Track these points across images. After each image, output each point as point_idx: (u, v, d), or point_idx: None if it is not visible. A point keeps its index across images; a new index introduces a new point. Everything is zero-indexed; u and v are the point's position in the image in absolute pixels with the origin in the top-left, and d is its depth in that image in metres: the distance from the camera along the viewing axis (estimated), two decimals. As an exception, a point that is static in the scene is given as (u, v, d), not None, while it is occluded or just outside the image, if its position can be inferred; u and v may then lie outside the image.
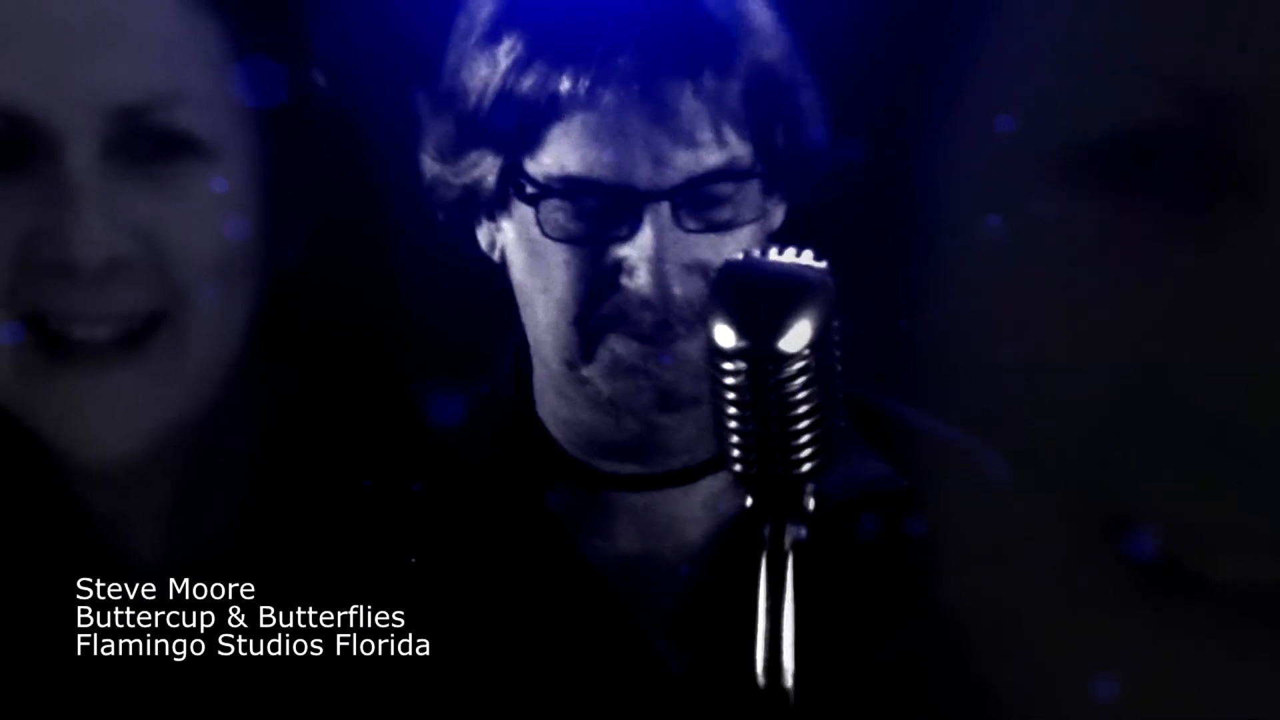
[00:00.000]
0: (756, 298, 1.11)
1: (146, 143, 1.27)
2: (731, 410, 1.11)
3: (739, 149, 1.50)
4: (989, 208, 0.59)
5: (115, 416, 1.29)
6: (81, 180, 1.25)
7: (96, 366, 1.28)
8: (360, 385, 1.38)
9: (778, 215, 1.54)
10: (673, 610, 1.54)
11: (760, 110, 1.50)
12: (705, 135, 1.48)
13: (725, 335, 1.10)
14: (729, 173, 1.49)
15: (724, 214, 1.49)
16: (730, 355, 1.09)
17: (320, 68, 1.35)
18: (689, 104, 1.47)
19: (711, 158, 1.48)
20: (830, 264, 1.12)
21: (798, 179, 1.53)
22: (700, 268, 1.48)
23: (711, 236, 1.49)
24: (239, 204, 1.30)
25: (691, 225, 1.48)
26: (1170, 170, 0.55)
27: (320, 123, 1.35)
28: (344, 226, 1.37)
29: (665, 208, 1.47)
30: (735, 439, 1.12)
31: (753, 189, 1.51)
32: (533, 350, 1.57)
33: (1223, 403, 0.54)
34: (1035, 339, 0.57)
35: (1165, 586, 0.55)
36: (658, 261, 1.47)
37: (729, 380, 1.10)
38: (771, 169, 1.51)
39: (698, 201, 1.49)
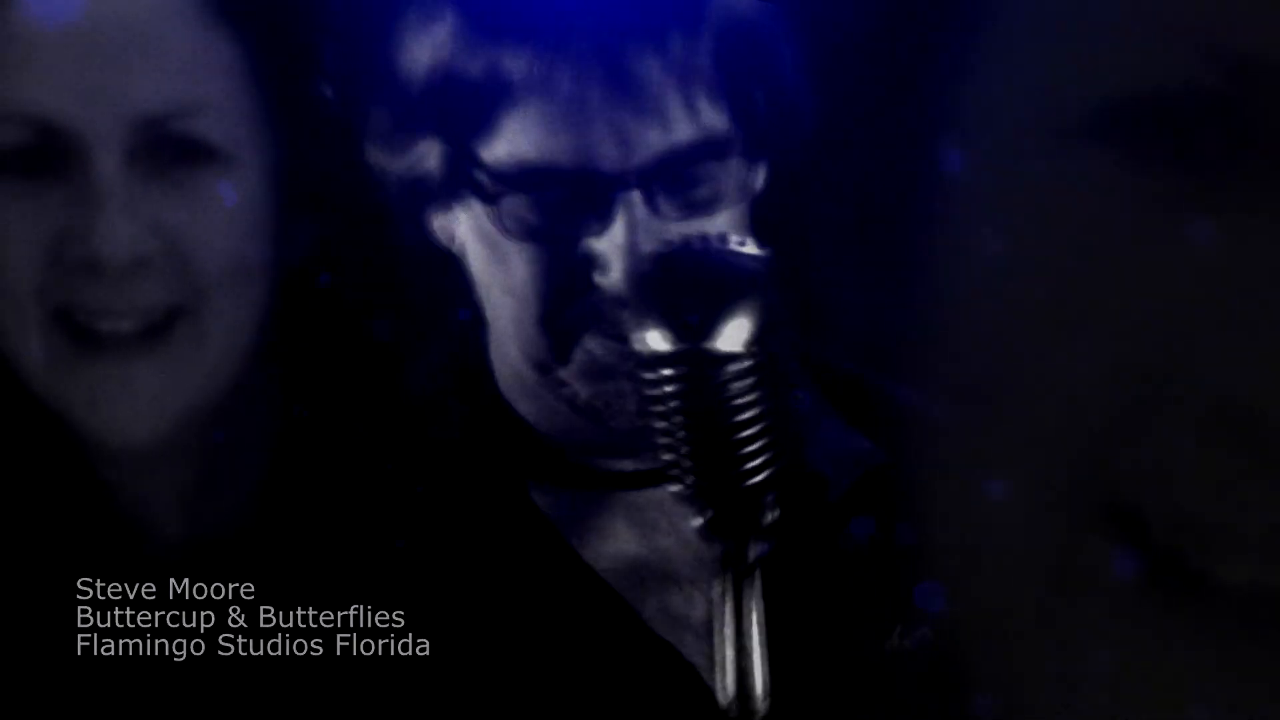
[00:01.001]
0: (685, 293, 1.01)
1: (168, 150, 1.33)
2: (672, 421, 1.01)
3: (714, 119, 1.31)
4: (998, 172, 0.56)
5: (138, 403, 1.35)
6: (108, 184, 1.31)
7: (121, 357, 1.34)
8: (362, 378, 1.43)
9: (759, 180, 1.36)
10: (691, 617, 1.38)
11: (736, 72, 1.32)
12: (675, 109, 1.29)
13: (654, 339, 0.99)
14: (705, 148, 1.31)
15: (703, 193, 1.31)
16: (662, 361, 0.99)
17: (327, 79, 1.40)
18: (655, 75, 1.28)
19: (684, 133, 1.29)
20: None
21: (781, 141, 1.35)
22: None
23: (692, 221, 1.30)
24: (252, 207, 1.36)
25: (668, 210, 1.30)
26: (1194, 134, 0.51)
27: (326, 131, 1.40)
28: (348, 227, 1.42)
29: (636, 194, 1.29)
30: (678, 452, 1.02)
31: (733, 161, 1.32)
32: (493, 346, 1.40)
33: (1238, 389, 0.50)
34: (1038, 315, 0.54)
35: (1167, 585, 0.52)
36: (632, 255, 1.28)
37: (666, 388, 0.99)
38: (752, 134, 1.33)
39: (672, 183, 1.30)
